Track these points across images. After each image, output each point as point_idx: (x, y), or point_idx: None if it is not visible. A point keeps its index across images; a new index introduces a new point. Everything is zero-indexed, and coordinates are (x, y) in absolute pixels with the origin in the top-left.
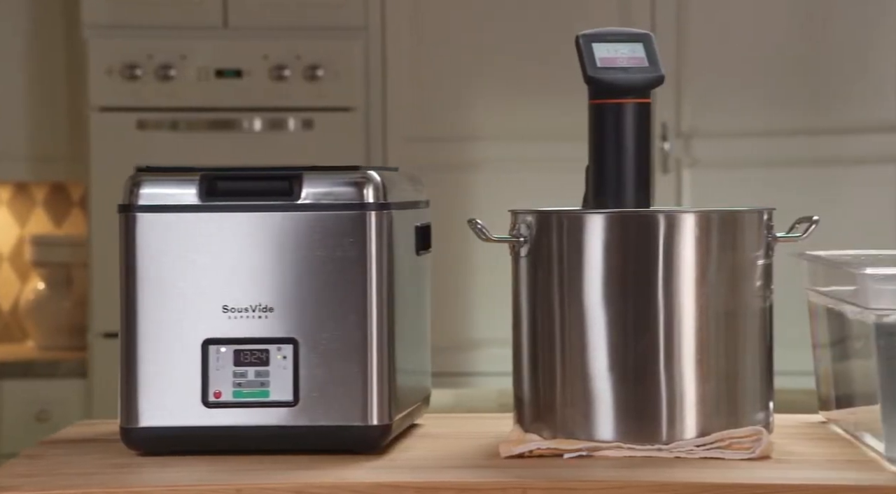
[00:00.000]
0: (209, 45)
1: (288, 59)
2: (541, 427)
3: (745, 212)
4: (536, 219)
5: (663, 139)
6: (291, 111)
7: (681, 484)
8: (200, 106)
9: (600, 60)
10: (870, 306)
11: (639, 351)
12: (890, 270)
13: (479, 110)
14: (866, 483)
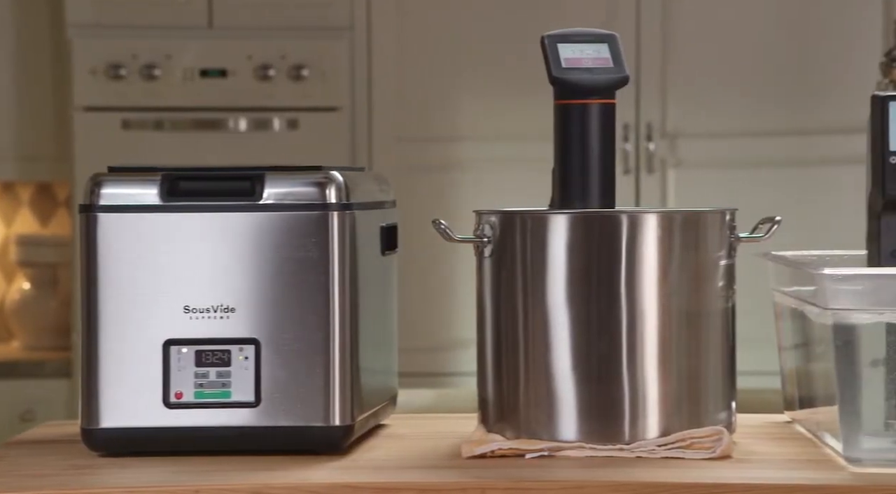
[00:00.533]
0: (194, 44)
1: (273, 59)
2: (504, 427)
3: (707, 212)
4: (500, 219)
5: (648, 139)
6: (276, 111)
7: (640, 484)
8: (185, 106)
9: (565, 61)
10: (828, 307)
11: (601, 351)
12: (847, 270)
13: (465, 110)
14: (822, 482)
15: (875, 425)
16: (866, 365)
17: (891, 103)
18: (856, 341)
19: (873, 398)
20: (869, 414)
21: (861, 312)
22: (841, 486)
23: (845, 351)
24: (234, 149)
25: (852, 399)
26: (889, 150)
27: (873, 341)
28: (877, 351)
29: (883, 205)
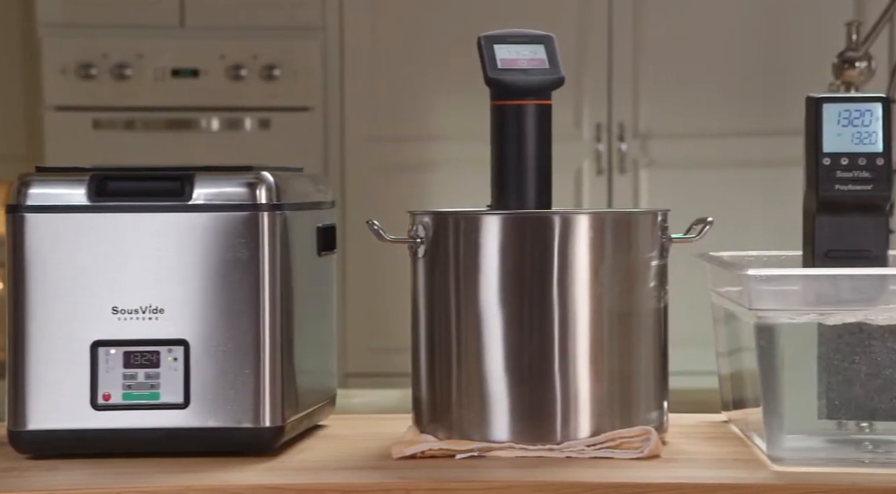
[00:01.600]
0: (166, 44)
1: (245, 59)
2: (437, 427)
3: (639, 213)
4: (433, 220)
5: (620, 140)
6: (248, 111)
7: (564, 484)
8: (157, 105)
9: (501, 61)
10: (752, 307)
11: (533, 351)
12: (770, 271)
13: (438, 110)
14: (744, 481)
15: (799, 424)
16: (789, 366)
17: (824, 105)
18: (777, 341)
19: (797, 398)
20: (793, 414)
21: (783, 312)
22: (761, 485)
23: (768, 351)
24: (206, 148)
25: (775, 399)
26: (822, 152)
27: (795, 341)
28: (800, 352)
29: (817, 206)
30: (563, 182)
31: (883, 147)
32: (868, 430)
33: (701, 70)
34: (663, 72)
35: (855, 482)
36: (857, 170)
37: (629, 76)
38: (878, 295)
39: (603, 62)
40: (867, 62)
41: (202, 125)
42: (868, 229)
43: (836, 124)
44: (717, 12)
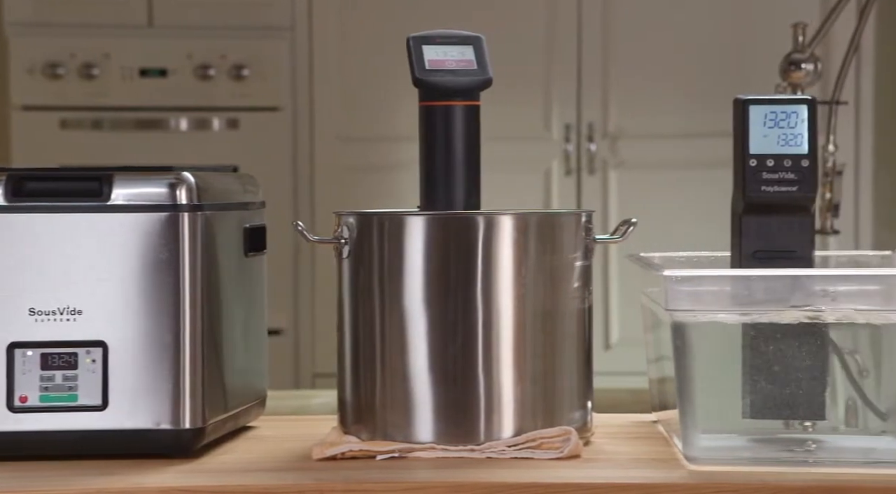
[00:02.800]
0: (133, 43)
1: (213, 59)
2: (360, 429)
3: (562, 214)
4: (357, 220)
5: (590, 140)
6: (217, 111)
7: (479, 484)
8: (124, 105)
9: (429, 62)
10: (668, 307)
11: (457, 352)
12: (685, 272)
13: (407, 110)
14: (656, 480)
15: (720, 424)
16: (706, 366)
17: (751, 107)
18: (691, 341)
19: (716, 398)
20: (710, 414)
21: (697, 313)
22: (672, 484)
23: (683, 351)
24: (176, 148)
25: (690, 399)
26: (749, 153)
27: (711, 342)
28: (717, 352)
29: (743, 207)
30: (533, 182)
31: (808, 148)
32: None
33: (670, 71)
34: (632, 72)
35: (766, 480)
36: (783, 172)
37: (598, 77)
38: (791, 295)
39: (572, 62)
40: (814, 64)
41: (171, 125)
42: (794, 230)
43: (762, 126)
44: (686, 13)
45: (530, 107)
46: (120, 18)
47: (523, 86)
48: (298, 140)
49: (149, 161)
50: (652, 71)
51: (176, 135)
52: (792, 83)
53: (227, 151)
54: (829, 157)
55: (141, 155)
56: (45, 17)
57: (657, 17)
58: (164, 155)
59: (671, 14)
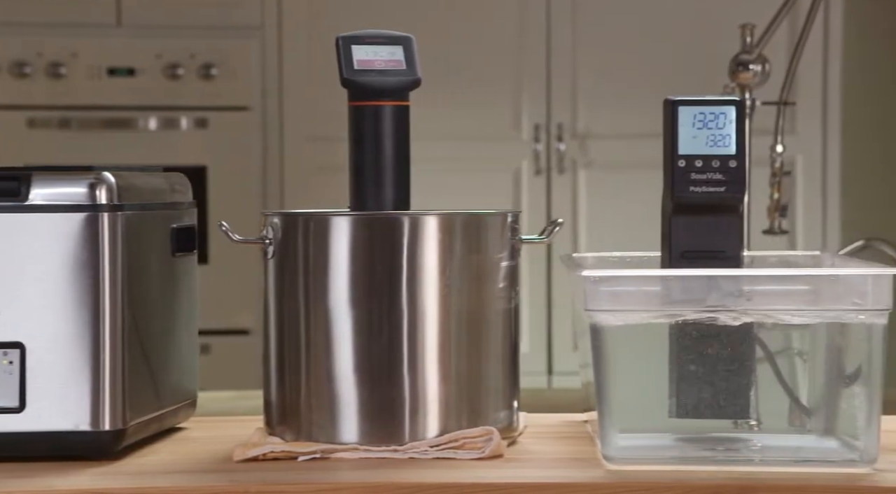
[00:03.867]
0: (101, 43)
1: (182, 58)
2: (285, 430)
3: (488, 214)
4: (282, 221)
5: (559, 140)
6: (186, 110)
7: (395, 484)
8: (93, 105)
9: (358, 62)
10: (586, 307)
11: (382, 353)
12: (603, 272)
13: None
14: (571, 480)
15: (640, 424)
16: (625, 365)
17: (680, 108)
18: (606, 342)
19: (635, 397)
20: (630, 414)
21: (614, 313)
22: (585, 483)
23: (600, 351)
24: (145, 148)
25: (606, 399)
26: (678, 154)
27: (630, 342)
28: (637, 352)
29: (673, 207)
30: (502, 182)
31: (736, 149)
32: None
33: (639, 71)
34: (601, 72)
35: (680, 479)
36: (711, 172)
37: (568, 77)
38: (707, 295)
39: (541, 63)
40: (762, 65)
41: (139, 124)
42: (722, 230)
43: (691, 127)
44: (655, 13)
45: (500, 107)
46: (88, 17)
47: (493, 86)
48: (268, 140)
49: (117, 160)
50: (621, 71)
51: (144, 135)
52: (740, 84)
53: (196, 151)
54: (777, 158)
55: (109, 154)
56: (12, 16)
57: (626, 17)
58: (132, 154)
59: (640, 14)
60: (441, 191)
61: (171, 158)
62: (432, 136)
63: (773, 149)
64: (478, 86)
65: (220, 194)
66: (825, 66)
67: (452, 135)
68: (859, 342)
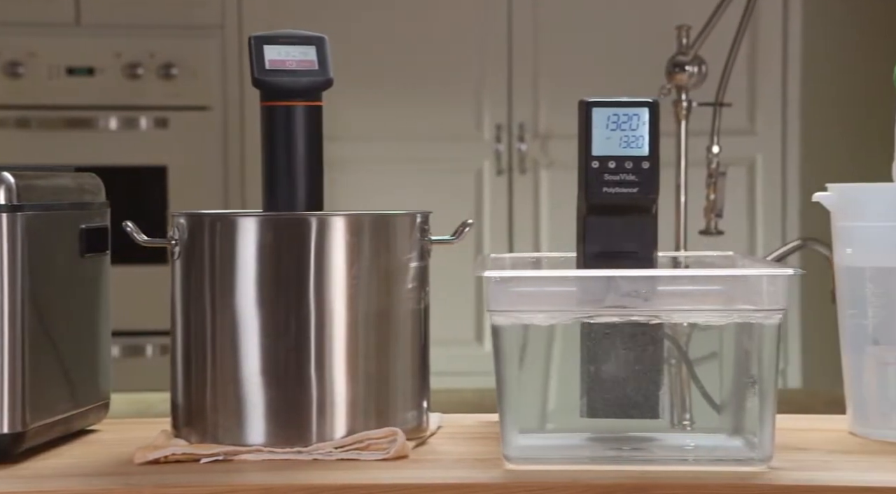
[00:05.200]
0: (60, 42)
1: (142, 57)
2: (190, 432)
3: (397, 215)
4: (188, 221)
5: (520, 140)
6: (146, 110)
7: (293, 486)
8: (52, 104)
9: (269, 62)
10: (488, 308)
11: (289, 354)
12: (503, 273)
13: (339, 110)
14: (471, 480)
15: (539, 424)
16: (526, 365)
17: (594, 109)
18: (508, 342)
19: (535, 397)
20: (529, 414)
21: (513, 313)
22: (482, 484)
23: (500, 351)
24: (104, 148)
25: (507, 399)
26: (591, 155)
27: (529, 342)
28: (538, 352)
29: (587, 208)
30: (464, 182)
31: (649, 150)
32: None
33: (600, 71)
34: (563, 73)
35: (577, 478)
36: (624, 173)
37: (529, 77)
38: (605, 295)
39: (503, 63)
40: (698, 66)
41: (99, 124)
42: (635, 231)
43: (604, 128)
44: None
45: (461, 107)
46: (46, 16)
47: (454, 86)
48: (229, 139)
49: (77, 160)
50: (582, 72)
51: (105, 135)
52: (676, 85)
53: (157, 151)
54: (713, 159)
55: (69, 154)
56: None
57: (587, 18)
58: (92, 154)
59: (601, 15)
60: (402, 191)
61: (132, 158)
62: (394, 137)
63: (709, 150)
64: (439, 87)
65: (180, 194)
66: (784, 66)
67: (414, 136)
68: (755, 341)
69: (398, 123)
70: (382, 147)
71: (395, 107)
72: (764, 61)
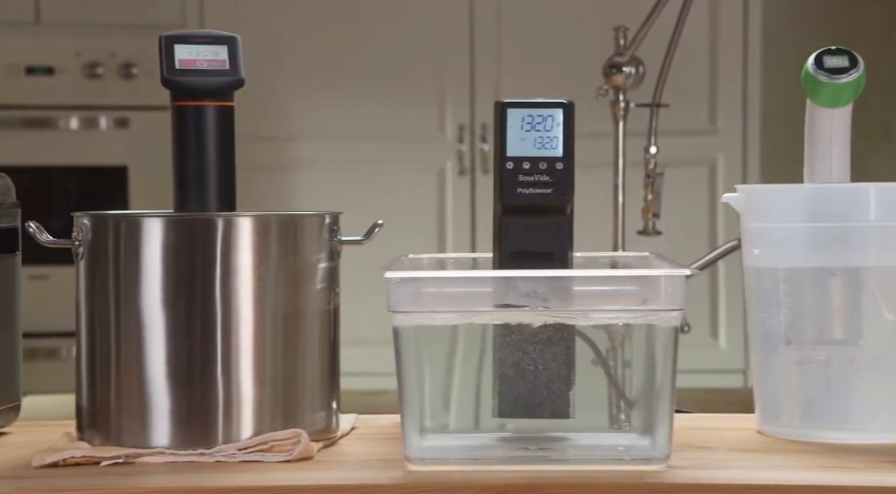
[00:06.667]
0: (19, 41)
1: (102, 57)
2: (94, 434)
3: (305, 215)
4: (91, 222)
5: (483, 140)
6: (106, 109)
7: (193, 489)
8: (11, 103)
9: (179, 62)
10: (389, 309)
11: (194, 355)
12: (404, 273)
13: (301, 110)
14: (370, 481)
15: (442, 424)
16: (427, 366)
17: (509, 110)
18: (406, 343)
19: (437, 398)
20: (429, 414)
21: (413, 314)
22: (383, 485)
23: (399, 352)
24: (64, 148)
25: (407, 400)
26: (506, 156)
27: (431, 342)
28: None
29: (501, 208)
30: (427, 182)
31: (563, 151)
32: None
33: (562, 72)
34: (525, 73)
35: (473, 479)
36: (539, 174)
37: (491, 77)
38: (505, 295)
39: (465, 63)
40: (635, 67)
41: (59, 124)
42: (550, 231)
43: (519, 129)
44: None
45: (424, 107)
46: (5, 15)
47: (417, 87)
48: None
49: (37, 160)
50: (544, 72)
51: (65, 134)
52: (614, 86)
53: (117, 151)
54: (650, 160)
55: (29, 154)
56: None
57: (549, 18)
58: (52, 154)
59: (563, 15)
60: (366, 191)
61: (92, 158)
62: (356, 137)
63: (646, 151)
64: (402, 87)
65: (141, 194)
66: (745, 66)
67: (376, 136)
68: (653, 341)
69: (361, 123)
70: (345, 147)
71: (357, 107)
72: (724, 62)
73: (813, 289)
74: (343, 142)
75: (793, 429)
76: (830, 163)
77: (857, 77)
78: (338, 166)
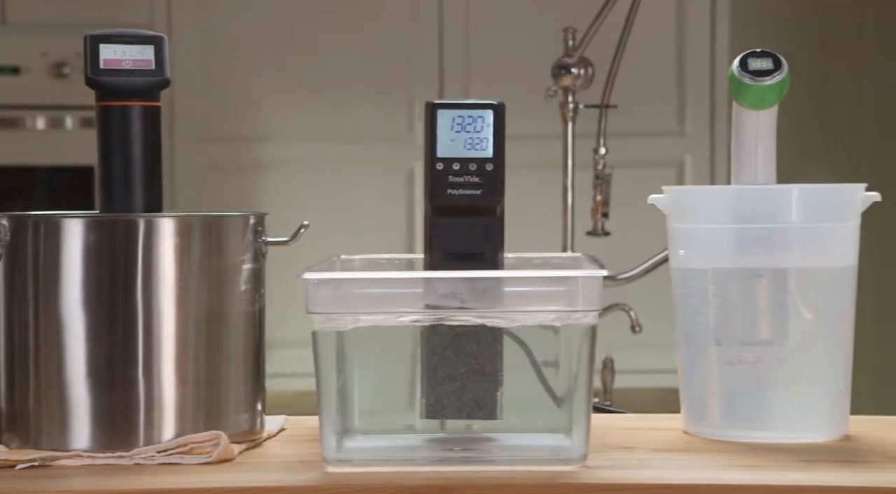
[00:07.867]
0: None
1: (68, 57)
2: (12, 437)
3: (228, 216)
4: (10, 222)
5: None
6: (73, 109)
7: (109, 492)
8: None
9: (104, 62)
10: (308, 310)
11: (115, 357)
12: (322, 275)
13: (269, 110)
14: (287, 483)
15: (364, 425)
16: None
17: (439, 111)
18: (322, 344)
19: (361, 399)
20: (350, 416)
21: (331, 315)
22: (298, 487)
23: (317, 354)
24: (30, 147)
25: (323, 401)
26: (436, 157)
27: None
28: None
29: (432, 209)
30: (396, 182)
31: (493, 152)
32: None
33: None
34: (494, 75)
35: (390, 480)
36: (468, 175)
37: (461, 77)
38: (425, 297)
39: (434, 64)
40: (584, 68)
41: (26, 124)
42: (480, 232)
43: (449, 130)
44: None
45: (393, 108)
46: None
47: (386, 87)
48: None
49: (4, 160)
50: (513, 74)
51: (32, 134)
52: (562, 87)
53: (84, 150)
54: (599, 160)
55: None
56: None
57: (519, 20)
58: (19, 154)
59: (533, 15)
60: (334, 191)
61: (59, 158)
62: (325, 137)
63: (595, 152)
64: (371, 88)
65: None
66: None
67: (346, 136)
68: (570, 341)
69: (329, 124)
70: (314, 147)
71: (326, 107)
72: (692, 62)
73: (741, 290)
74: (312, 143)
75: (717, 429)
76: (756, 164)
77: (781, 79)
78: (306, 167)
